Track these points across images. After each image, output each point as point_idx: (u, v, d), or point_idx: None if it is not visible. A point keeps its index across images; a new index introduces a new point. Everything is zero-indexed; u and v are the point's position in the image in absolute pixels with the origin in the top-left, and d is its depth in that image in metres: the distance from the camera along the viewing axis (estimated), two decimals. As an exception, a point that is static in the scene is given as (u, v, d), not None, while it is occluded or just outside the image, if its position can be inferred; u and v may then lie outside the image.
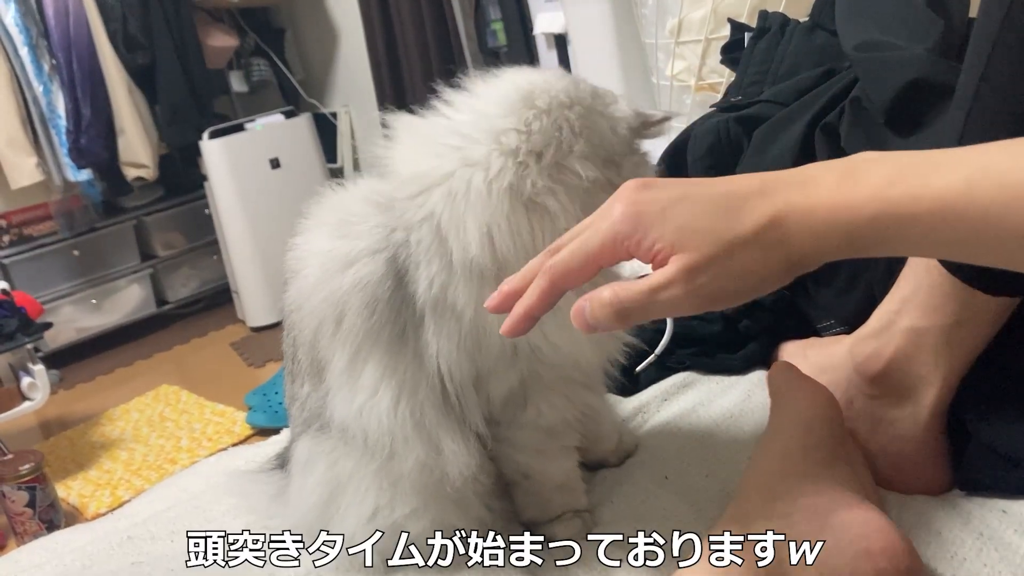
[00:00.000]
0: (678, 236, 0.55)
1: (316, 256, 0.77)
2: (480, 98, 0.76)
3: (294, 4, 3.38)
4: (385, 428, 0.74)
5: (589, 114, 0.74)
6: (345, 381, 0.75)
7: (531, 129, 0.71)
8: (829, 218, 0.53)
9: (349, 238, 0.75)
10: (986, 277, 0.69)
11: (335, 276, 0.74)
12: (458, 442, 0.75)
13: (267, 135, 2.91)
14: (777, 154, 1.00)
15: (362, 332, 0.73)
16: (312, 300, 0.76)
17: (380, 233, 0.74)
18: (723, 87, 1.43)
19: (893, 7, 0.92)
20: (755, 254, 0.54)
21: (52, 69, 2.66)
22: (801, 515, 0.68)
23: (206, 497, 1.02)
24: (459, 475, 0.75)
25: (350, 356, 0.74)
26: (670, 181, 0.59)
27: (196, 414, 2.30)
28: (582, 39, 2.01)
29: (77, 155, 2.71)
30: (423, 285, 0.72)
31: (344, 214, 0.78)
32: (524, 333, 0.61)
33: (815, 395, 0.80)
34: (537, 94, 0.73)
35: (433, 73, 2.75)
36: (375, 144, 0.78)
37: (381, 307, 0.73)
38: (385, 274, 0.73)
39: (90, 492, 1.96)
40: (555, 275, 0.59)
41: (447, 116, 0.77)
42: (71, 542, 0.99)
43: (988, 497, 0.75)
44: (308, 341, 0.78)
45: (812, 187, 0.54)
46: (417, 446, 0.74)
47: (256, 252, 2.88)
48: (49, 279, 2.86)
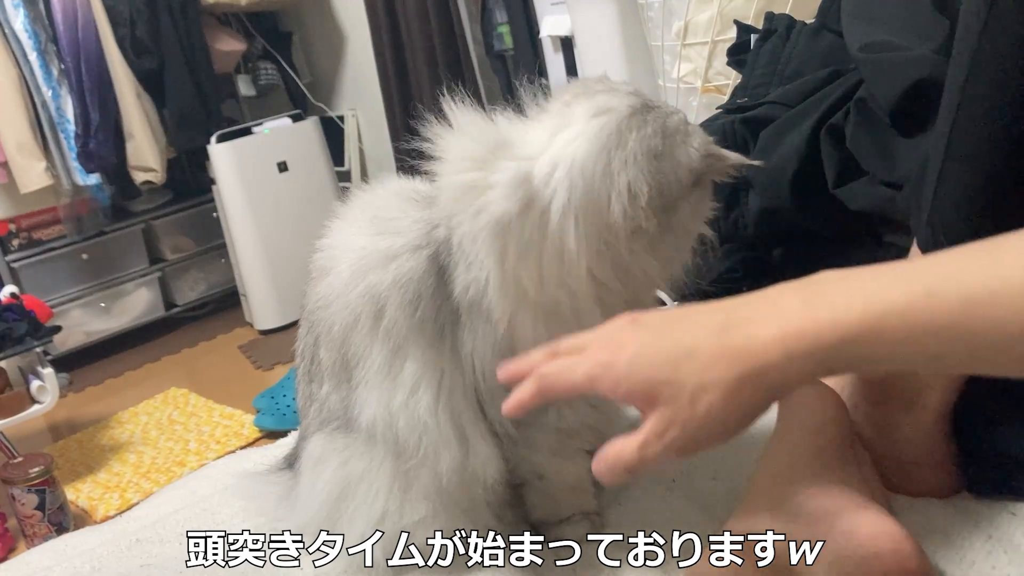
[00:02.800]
0: (645, 390, 0.56)
1: (349, 253, 0.76)
2: (560, 117, 0.73)
3: (301, 8, 3.38)
4: (425, 427, 0.73)
5: (661, 161, 0.71)
6: (383, 378, 0.74)
7: (612, 172, 0.69)
8: (795, 347, 0.53)
9: (387, 234, 0.74)
10: None
11: (374, 271, 0.73)
12: (490, 444, 0.75)
13: (275, 139, 2.92)
14: (783, 155, 1.00)
15: (405, 328, 0.72)
16: (346, 296, 0.75)
17: (421, 229, 0.73)
18: (729, 89, 1.42)
19: (899, 8, 0.92)
20: (718, 399, 0.54)
21: (61, 74, 2.67)
22: (809, 517, 0.68)
23: (214, 500, 1.03)
24: (491, 478, 0.75)
25: (390, 352, 0.73)
26: (652, 320, 0.59)
27: (204, 417, 2.30)
28: (588, 42, 2.01)
29: (86, 159, 2.71)
30: (461, 286, 0.71)
31: (377, 211, 0.77)
32: (520, 415, 0.63)
33: (823, 398, 0.79)
34: (624, 135, 0.70)
35: (440, 76, 2.75)
36: (428, 130, 0.74)
37: (424, 303, 0.72)
38: (428, 270, 0.72)
39: (99, 495, 1.96)
40: (543, 385, 0.61)
41: (519, 124, 0.75)
42: (80, 544, 0.99)
43: (997, 500, 0.74)
44: (337, 337, 0.77)
45: (775, 316, 0.54)
46: (454, 446, 0.74)
47: (264, 255, 2.89)
48: (58, 283, 2.87)
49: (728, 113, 1.13)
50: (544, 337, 0.71)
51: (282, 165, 2.91)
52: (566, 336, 0.72)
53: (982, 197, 0.66)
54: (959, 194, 0.68)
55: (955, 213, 0.68)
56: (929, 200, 0.70)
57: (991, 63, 0.63)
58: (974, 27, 0.64)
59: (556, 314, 0.72)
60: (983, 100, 0.65)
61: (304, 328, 0.83)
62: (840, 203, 0.94)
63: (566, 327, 0.72)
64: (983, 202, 0.67)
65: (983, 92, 0.65)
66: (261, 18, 3.31)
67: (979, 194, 0.67)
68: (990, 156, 0.65)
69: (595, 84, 0.76)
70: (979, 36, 0.63)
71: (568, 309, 0.72)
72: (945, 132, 0.68)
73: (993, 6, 0.62)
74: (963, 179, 0.67)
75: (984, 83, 0.64)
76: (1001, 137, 0.64)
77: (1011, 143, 0.64)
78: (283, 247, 2.86)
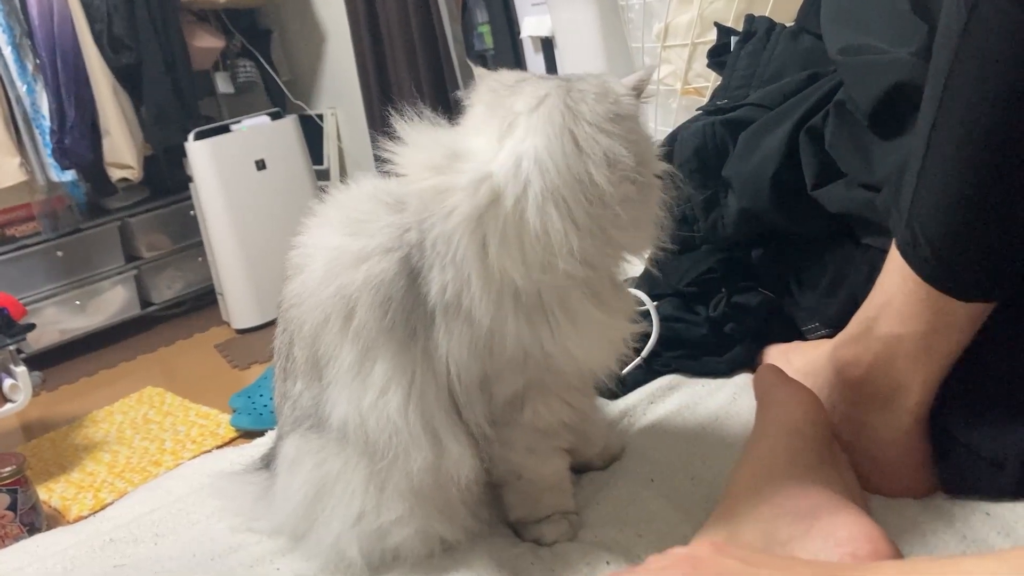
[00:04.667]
0: None
1: (323, 252, 0.76)
2: (499, 121, 0.74)
3: (281, 5, 3.37)
4: (395, 428, 0.73)
5: (622, 122, 0.73)
6: (353, 378, 0.74)
7: (582, 147, 0.70)
8: None
9: (360, 235, 0.75)
10: (959, 284, 0.70)
11: (346, 271, 0.74)
12: (463, 444, 0.75)
13: (253, 136, 2.90)
14: (762, 157, 1.01)
15: (374, 330, 0.73)
16: (318, 295, 0.75)
17: (393, 232, 0.74)
18: (709, 91, 1.43)
19: (878, 11, 0.92)
20: None
21: (36, 69, 2.64)
22: (788, 518, 0.68)
23: (190, 500, 1.02)
24: (464, 478, 0.75)
25: (360, 353, 0.74)
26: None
27: (180, 416, 2.28)
28: (569, 43, 2.02)
29: (61, 155, 2.69)
30: (436, 288, 0.71)
31: (352, 212, 0.78)
32: None
33: (801, 398, 0.80)
34: (574, 110, 0.71)
35: (420, 76, 2.74)
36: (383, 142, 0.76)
37: (394, 306, 0.72)
38: (399, 273, 0.72)
39: (72, 495, 1.95)
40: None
41: (462, 135, 0.76)
42: (53, 545, 0.98)
43: (972, 500, 0.75)
44: (308, 335, 0.77)
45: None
46: (425, 447, 0.74)
47: (242, 254, 2.87)
48: (32, 280, 2.84)
49: (708, 115, 1.14)
50: (527, 334, 0.72)
51: (260, 163, 2.90)
52: (548, 334, 0.72)
53: (961, 200, 0.67)
54: (938, 197, 0.68)
55: (934, 216, 0.69)
56: (908, 203, 0.71)
57: (970, 66, 0.64)
58: (954, 30, 0.64)
59: (539, 307, 0.72)
60: (962, 103, 0.65)
61: (280, 326, 0.83)
62: (819, 205, 0.95)
63: (550, 321, 0.72)
64: (962, 205, 0.67)
65: (962, 95, 0.65)
66: (240, 15, 3.29)
67: (958, 197, 0.67)
68: (969, 159, 0.65)
69: (499, 83, 0.76)
70: (958, 39, 0.64)
71: (553, 297, 0.72)
72: (924, 135, 0.68)
73: (973, 9, 0.62)
74: (942, 182, 0.68)
75: (963, 86, 0.65)
76: (980, 140, 0.64)
77: (990, 146, 0.64)
78: (261, 246, 2.84)
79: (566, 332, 0.73)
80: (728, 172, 1.05)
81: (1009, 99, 0.62)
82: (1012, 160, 0.64)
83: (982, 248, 0.68)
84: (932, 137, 0.68)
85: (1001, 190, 0.65)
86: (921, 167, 0.69)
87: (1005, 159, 0.64)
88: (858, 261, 0.93)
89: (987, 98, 0.63)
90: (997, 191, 0.65)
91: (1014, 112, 0.63)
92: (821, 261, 0.99)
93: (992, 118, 0.63)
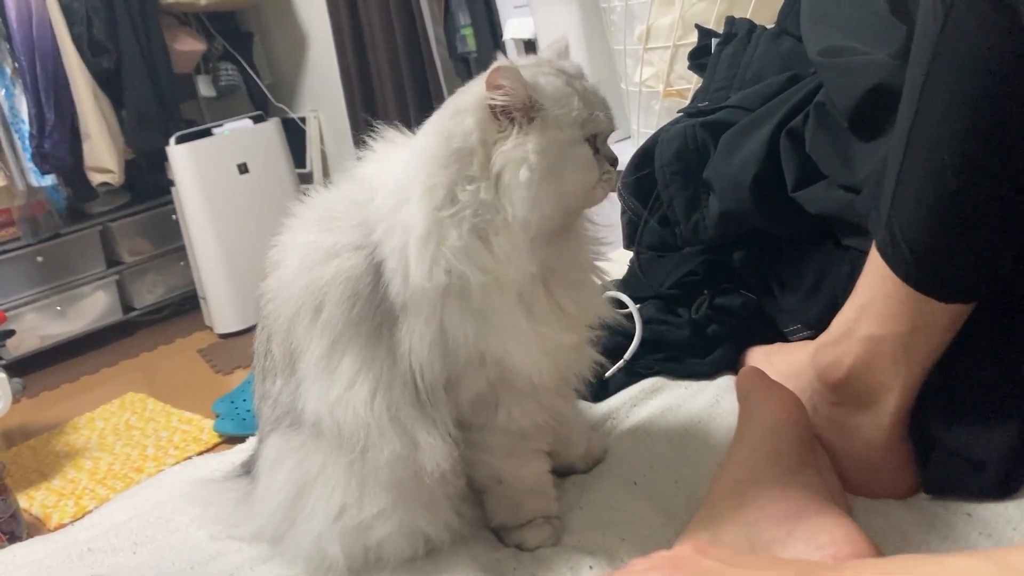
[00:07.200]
0: None
1: (298, 248, 0.78)
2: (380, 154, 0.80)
3: (262, 8, 3.36)
4: (361, 421, 0.74)
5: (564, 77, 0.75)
6: (321, 371, 0.75)
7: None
8: None
9: (333, 232, 0.76)
10: (938, 285, 0.70)
11: (317, 266, 0.75)
12: (434, 435, 0.75)
13: (235, 140, 2.89)
14: (743, 159, 1.01)
15: (341, 323, 0.74)
16: (291, 288, 0.77)
17: (362, 231, 0.75)
18: (691, 93, 1.43)
19: (857, 13, 0.93)
20: None
21: (14, 72, 2.62)
22: (769, 521, 0.68)
23: (169, 507, 1.01)
24: (436, 467, 0.75)
25: (328, 346, 0.75)
26: None
27: (163, 422, 2.27)
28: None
29: (41, 160, 2.67)
30: (395, 287, 0.73)
31: (327, 211, 0.79)
32: None
33: (783, 401, 0.80)
34: (470, 96, 0.74)
35: (403, 78, 2.74)
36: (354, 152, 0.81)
37: (361, 301, 0.74)
38: (366, 270, 0.74)
39: (53, 502, 1.93)
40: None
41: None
42: (30, 555, 0.97)
43: (953, 500, 0.75)
44: (283, 329, 0.78)
45: None
46: (393, 439, 0.74)
47: (224, 258, 2.85)
48: (12, 286, 2.81)
49: (689, 117, 1.14)
50: (472, 333, 0.73)
51: (243, 167, 2.88)
52: (497, 338, 0.73)
53: (940, 201, 0.67)
54: (917, 198, 0.68)
55: (913, 217, 0.69)
56: (887, 204, 0.71)
57: (948, 67, 0.64)
58: (932, 32, 0.64)
59: (480, 311, 0.73)
60: (941, 104, 0.65)
61: (260, 325, 0.84)
62: (800, 206, 0.95)
63: (489, 324, 0.73)
64: (941, 206, 0.67)
65: (941, 96, 0.65)
66: (221, 18, 3.27)
67: (937, 198, 0.67)
68: (948, 160, 0.65)
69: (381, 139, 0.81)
70: (936, 41, 0.64)
71: (487, 302, 0.72)
72: (903, 136, 0.68)
73: (950, 10, 0.62)
74: (921, 183, 0.68)
75: (942, 87, 0.65)
76: (959, 141, 0.64)
77: (969, 147, 0.64)
78: (243, 250, 2.83)
79: (509, 339, 0.73)
80: (709, 174, 1.05)
81: (986, 100, 0.63)
82: (990, 161, 0.64)
83: (961, 249, 0.68)
84: (911, 138, 0.68)
85: (979, 191, 0.65)
86: (900, 168, 0.69)
87: (983, 160, 0.64)
88: (839, 262, 0.94)
89: (965, 99, 0.64)
90: (975, 192, 0.66)
91: (991, 113, 0.63)
92: (802, 263, 0.99)
93: (970, 119, 0.64)
